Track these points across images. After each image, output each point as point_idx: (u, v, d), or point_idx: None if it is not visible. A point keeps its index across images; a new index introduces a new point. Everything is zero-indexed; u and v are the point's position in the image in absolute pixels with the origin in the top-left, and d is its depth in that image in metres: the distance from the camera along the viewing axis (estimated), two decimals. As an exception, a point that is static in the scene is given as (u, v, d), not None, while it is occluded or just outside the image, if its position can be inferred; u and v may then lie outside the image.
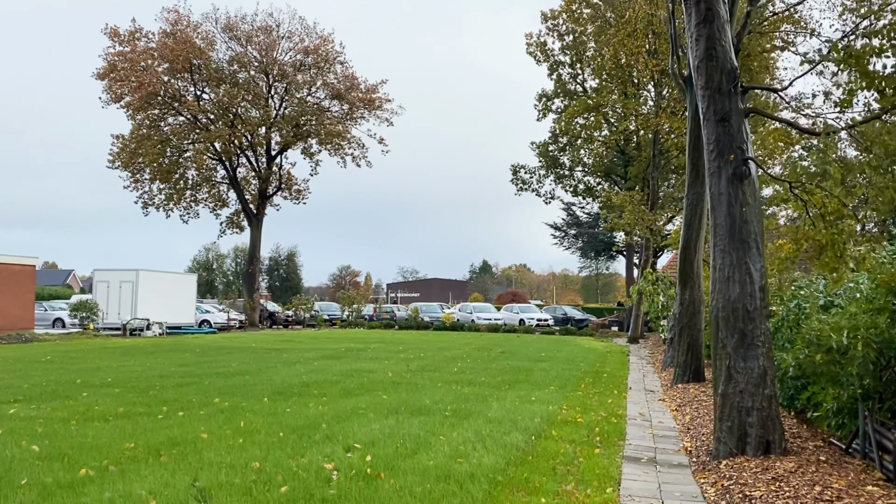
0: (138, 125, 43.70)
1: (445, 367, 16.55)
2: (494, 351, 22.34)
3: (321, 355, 19.35)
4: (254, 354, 19.63)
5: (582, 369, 17.34)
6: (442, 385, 12.94)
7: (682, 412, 11.22)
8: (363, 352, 20.89)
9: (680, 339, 14.86)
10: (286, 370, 15.11)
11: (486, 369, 16.23)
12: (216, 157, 46.25)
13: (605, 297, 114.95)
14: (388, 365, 16.61)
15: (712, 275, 8.07)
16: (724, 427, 7.65)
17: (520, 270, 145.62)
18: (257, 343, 24.95)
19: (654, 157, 34.77)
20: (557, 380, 14.71)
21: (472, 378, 14.22)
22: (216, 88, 43.74)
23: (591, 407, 11.21)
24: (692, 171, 14.92)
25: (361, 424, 8.58)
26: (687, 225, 14.92)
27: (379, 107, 48.44)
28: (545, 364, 18.17)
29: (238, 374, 14.30)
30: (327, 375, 14.07)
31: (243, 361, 17.21)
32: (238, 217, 49.12)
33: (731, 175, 7.99)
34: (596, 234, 62.32)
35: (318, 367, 15.72)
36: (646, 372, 18.38)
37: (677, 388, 14.22)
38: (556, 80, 44.88)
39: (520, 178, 47.21)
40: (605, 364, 19.86)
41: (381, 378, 13.76)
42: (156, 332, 32.07)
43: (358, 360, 18.13)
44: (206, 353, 20.36)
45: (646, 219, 32.16)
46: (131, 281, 33.55)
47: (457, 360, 18.74)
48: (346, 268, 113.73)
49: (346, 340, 27.34)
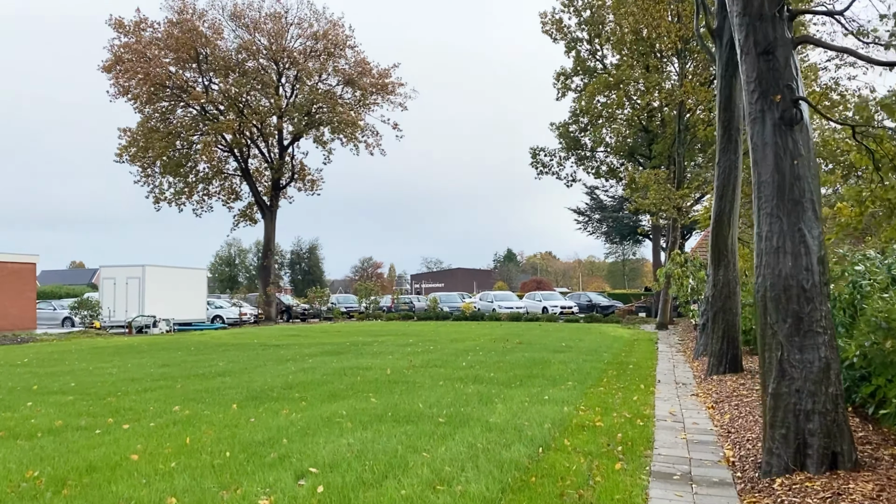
0: (146, 118, 42.68)
1: (453, 361, 15.07)
2: (511, 342, 20.82)
3: (322, 351, 17.98)
4: (249, 352, 18.32)
5: (605, 360, 15.77)
6: (443, 383, 11.47)
7: (719, 410, 9.64)
8: (369, 346, 19.48)
9: (714, 325, 13.23)
10: (274, 369, 13.73)
11: (498, 363, 14.73)
12: (226, 148, 45.14)
13: (632, 283, 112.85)
14: (390, 361, 15.18)
15: (757, 245, 6.48)
16: (776, 435, 6.07)
17: (545, 258, 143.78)
18: (261, 339, 23.66)
19: (679, 133, 32.90)
20: (577, 373, 13.17)
21: (480, 374, 12.72)
22: (224, 78, 42.50)
23: (614, 406, 9.67)
24: (724, 135, 13.23)
25: (331, 438, 7.14)
26: (719, 197, 13.25)
27: (392, 91, 47.00)
28: (565, 355, 16.61)
29: (220, 374, 12.96)
30: (317, 375, 12.66)
31: (233, 360, 15.89)
32: (251, 210, 48.05)
33: (779, 120, 6.38)
34: (620, 218, 60.45)
35: (312, 365, 14.32)
36: (676, 361, 16.75)
37: (712, 380, 12.60)
38: (574, 58, 43.06)
39: (539, 160, 45.57)
40: (632, 353, 18.26)
41: (376, 376, 12.32)
42: (163, 330, 30.98)
43: (360, 355, 16.72)
44: (201, 350, 19.10)
45: (672, 198, 30.36)
46: (138, 277, 32.49)
47: (468, 352, 17.25)
48: (367, 259, 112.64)
49: (356, 334, 25.98)
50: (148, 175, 44.23)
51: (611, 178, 47.92)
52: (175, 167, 43.37)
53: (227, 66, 42.73)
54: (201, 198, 46.62)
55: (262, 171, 47.74)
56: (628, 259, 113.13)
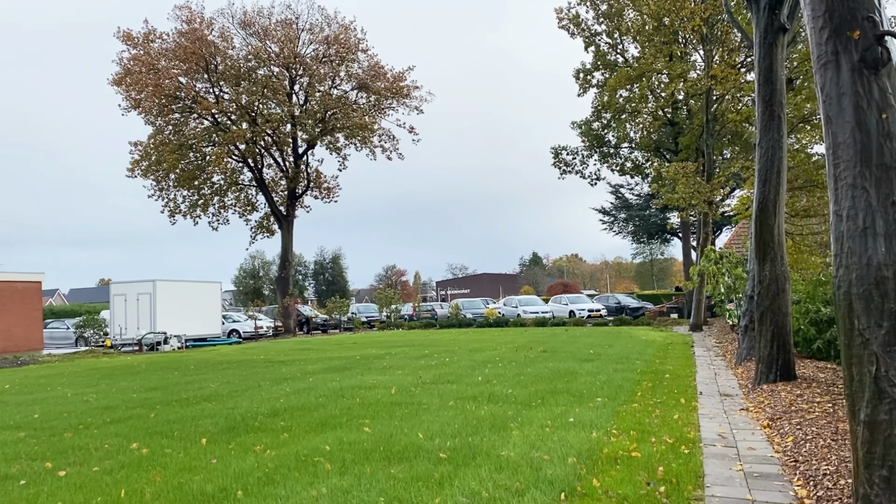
0: (157, 131, 41.83)
1: (468, 375, 13.61)
2: (534, 350, 19.31)
3: (327, 367, 16.60)
4: (250, 370, 17.00)
5: (638, 369, 14.23)
6: (454, 404, 10.03)
7: (778, 430, 8.10)
8: (380, 360, 18.08)
9: (761, 327, 11.64)
10: (267, 391, 12.36)
11: (519, 376, 13.26)
12: (240, 158, 44.17)
13: (662, 284, 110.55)
14: (399, 377, 13.76)
15: (835, 228, 4.99)
16: (874, 478, 4.57)
17: (571, 261, 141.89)
18: (270, 354, 22.36)
19: (707, 123, 31.19)
20: (607, 387, 11.66)
21: (496, 391, 11.26)
22: (235, 87, 41.50)
23: (652, 428, 8.18)
24: (765, 112, 11.67)
25: (298, 489, 5.75)
26: (762, 181, 11.68)
27: (407, 95, 45.74)
28: (593, 365, 15.09)
29: (205, 399, 11.63)
30: (312, 397, 11.28)
31: (228, 380, 14.58)
32: (268, 220, 47.06)
33: (858, 63, 4.89)
34: (647, 217, 58.57)
35: (310, 385, 12.94)
36: (717, 368, 15.15)
37: (762, 390, 11.02)
38: (594, 53, 41.50)
39: (562, 160, 44.07)
40: (667, 359, 16.68)
41: (378, 397, 10.91)
42: (174, 346, 29.89)
43: (367, 371, 15.33)
44: (201, 369, 17.84)
45: (703, 191, 28.66)
46: (149, 293, 31.47)
47: (486, 364, 15.79)
48: (391, 267, 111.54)
49: (371, 345, 24.61)
50: (162, 189, 43.40)
51: (636, 175, 46.28)
52: (188, 179, 42.45)
53: (237, 75, 41.77)
54: (217, 210, 45.70)
55: (277, 181, 46.72)
56: (656, 259, 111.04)
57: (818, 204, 18.80)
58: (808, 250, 18.05)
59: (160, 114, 41.58)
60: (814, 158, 19.27)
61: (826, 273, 16.72)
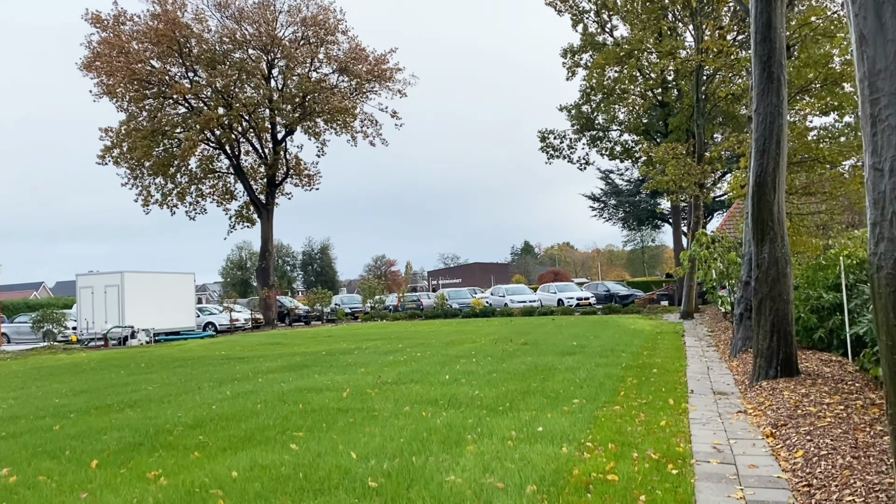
0: (130, 117, 40.20)
1: (436, 373, 12.29)
2: (515, 343, 18.03)
3: (286, 364, 15.25)
4: (201, 368, 15.63)
5: (623, 363, 12.96)
6: (409, 410, 8.72)
7: (783, 439, 6.83)
8: (347, 355, 16.74)
9: (759, 316, 10.37)
10: (204, 395, 10.98)
11: (491, 374, 11.97)
12: (216, 144, 42.62)
13: (653, 271, 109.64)
14: (359, 376, 12.41)
15: (874, 185, 3.69)
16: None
17: (563, 249, 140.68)
18: (234, 350, 20.94)
19: (697, 102, 29.88)
20: (587, 385, 10.39)
21: (462, 392, 9.96)
22: (211, 69, 39.83)
23: (634, 439, 6.92)
24: (762, 74, 10.34)
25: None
26: (759, 152, 10.36)
27: (390, 78, 44.20)
28: (574, 359, 13.81)
29: (130, 405, 10.27)
30: (250, 403, 9.93)
31: (168, 382, 13.20)
32: (247, 210, 45.53)
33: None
34: (637, 203, 57.33)
35: (255, 388, 11.56)
36: (709, 361, 13.90)
37: (761, 387, 9.77)
38: (582, 33, 40.13)
39: (549, 144, 42.68)
40: (655, 351, 15.43)
41: (325, 403, 9.57)
42: (142, 341, 28.45)
43: (327, 369, 13.98)
44: (150, 368, 16.47)
45: (693, 172, 27.40)
46: (116, 285, 30.00)
47: (459, 359, 14.49)
48: (380, 257, 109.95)
49: (345, 338, 23.28)
50: (136, 177, 41.82)
51: (626, 159, 44.94)
52: (162, 167, 40.85)
53: (212, 59, 40.11)
54: (195, 199, 44.14)
55: (256, 169, 45.19)
56: (648, 246, 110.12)
57: (818, 180, 17.56)
58: (808, 231, 16.79)
59: (134, 100, 40.01)
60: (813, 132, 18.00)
61: (827, 256, 15.47)
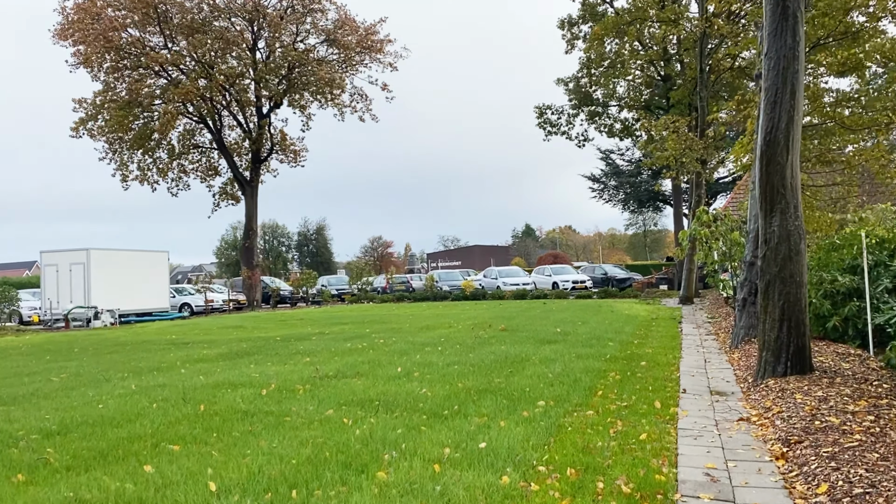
0: (106, 87, 38.32)
1: (389, 364, 10.56)
2: (494, 328, 16.33)
3: (226, 352, 13.49)
4: (131, 355, 13.89)
5: (608, 354, 11.26)
6: (331, 413, 7.01)
7: (799, 464, 5.12)
8: (303, 341, 14.98)
9: (766, 302, 8.63)
10: (104, 389, 9.19)
11: (452, 365, 10.27)
12: (197, 118, 40.78)
13: (655, 255, 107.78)
14: (298, 368, 10.65)
15: None
16: None
17: (564, 232, 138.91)
18: (188, 333, 19.16)
19: (701, 73, 27.96)
20: (559, 382, 8.69)
21: (407, 390, 8.25)
22: (189, 38, 37.86)
23: (603, 459, 5.23)
24: (776, 7, 8.53)
25: None
26: (770, 104, 8.58)
27: (380, 50, 42.21)
28: (554, 348, 12.11)
29: (7, 402, 8.54)
30: (149, 399, 8.23)
31: (79, 372, 11.36)
32: (232, 187, 43.73)
33: None
34: (638, 184, 55.51)
35: (169, 380, 9.80)
36: (708, 352, 12.19)
37: (767, 387, 8.06)
38: (581, 2, 38.27)
39: (546, 119, 40.87)
40: (647, 340, 13.74)
41: (235, 402, 7.84)
42: (106, 322, 26.78)
43: (268, 358, 12.20)
44: (82, 354, 14.78)
45: (695, 147, 25.57)
46: (82, 262, 28.31)
47: (424, 347, 12.78)
48: (377, 239, 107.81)
49: (316, 322, 21.56)
50: (115, 151, 40.02)
51: (625, 137, 43.07)
52: (140, 141, 39.05)
53: (191, 27, 38.12)
54: (177, 175, 42.38)
55: (240, 143, 43.35)
56: (650, 230, 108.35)
57: (834, 147, 15.72)
58: (820, 206, 14.96)
59: (110, 70, 38.16)
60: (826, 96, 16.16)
61: (842, 234, 13.73)
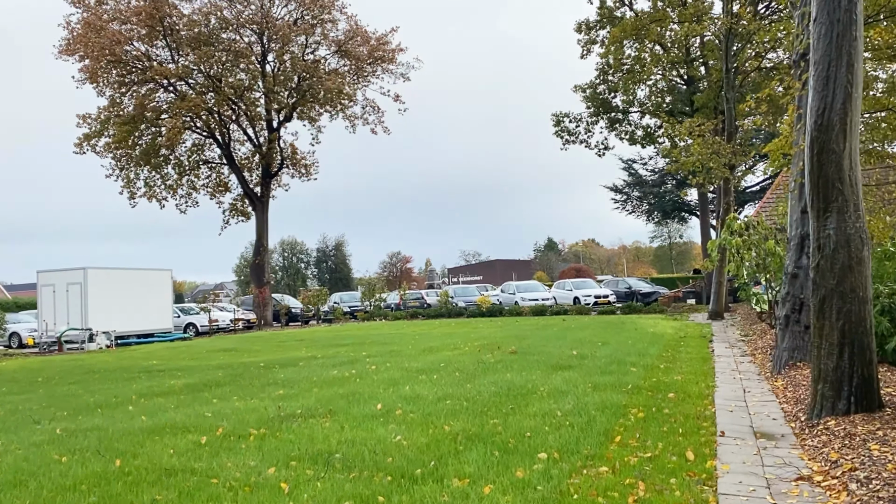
0: (112, 102, 37.43)
1: (370, 399, 8.98)
2: (504, 350, 14.73)
3: (195, 382, 11.86)
4: (91, 386, 12.38)
5: (630, 383, 9.62)
6: (273, 473, 5.50)
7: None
8: (287, 368, 13.43)
9: (821, 322, 6.99)
10: (15, 437, 7.89)
11: (444, 400, 8.70)
12: (206, 132, 39.77)
13: (681, 268, 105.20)
14: (261, 405, 9.05)
15: None
16: None
17: (588, 246, 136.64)
18: (172, 358, 17.60)
19: (727, 73, 26.23)
20: (569, 422, 7.10)
21: (379, 437, 6.70)
22: (197, 51, 36.91)
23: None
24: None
25: None
26: (822, 80, 6.98)
27: (391, 60, 40.99)
28: (566, 375, 10.49)
29: None
30: (60, 451, 6.74)
31: (16, 409, 9.98)
32: (242, 202, 42.61)
33: None
34: (662, 194, 53.57)
35: (105, 422, 8.27)
36: (746, 377, 10.49)
37: (828, 429, 6.40)
38: (599, 6, 36.77)
39: (564, 128, 39.25)
40: (675, 363, 12.07)
41: (156, 456, 6.34)
42: (101, 345, 25.54)
43: (235, 391, 10.58)
44: (47, 383, 13.40)
45: (722, 152, 23.86)
46: (79, 282, 27.17)
47: (418, 376, 11.20)
48: (395, 254, 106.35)
49: (314, 344, 20.01)
50: (122, 167, 39.08)
51: (647, 144, 41.26)
52: (146, 156, 38.07)
53: (199, 39, 37.17)
54: (187, 191, 41.34)
55: (250, 158, 42.28)
56: (676, 242, 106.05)
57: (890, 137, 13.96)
58: (873, 209, 13.16)
59: (116, 84, 37.31)
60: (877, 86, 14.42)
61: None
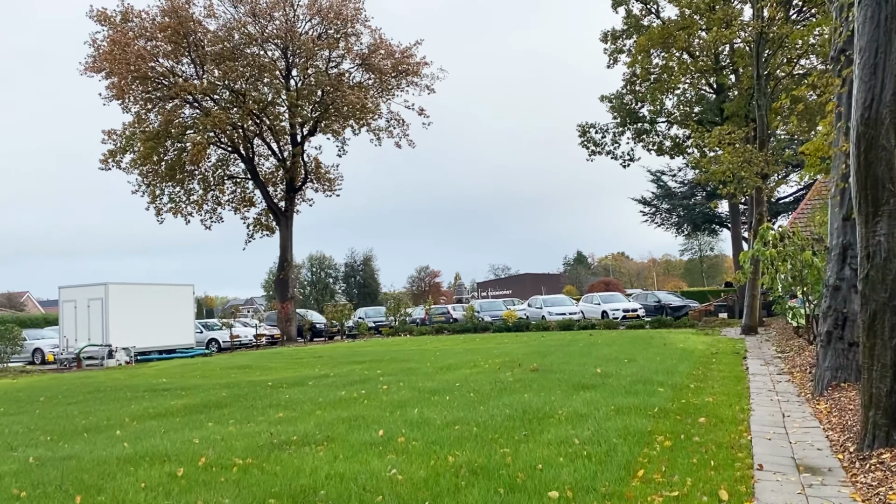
0: (137, 119, 37.51)
1: (373, 424, 8.37)
2: (525, 367, 14.03)
3: (197, 403, 11.33)
4: (89, 406, 11.90)
5: (657, 405, 8.88)
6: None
7: None
8: (295, 388, 12.85)
9: (871, 340, 6.25)
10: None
11: (453, 425, 8.05)
12: (230, 147, 39.68)
13: (712, 281, 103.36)
14: (256, 429, 8.48)
15: None
16: None
17: (617, 259, 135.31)
18: (184, 376, 17.15)
19: (758, 80, 25.37)
20: (587, 452, 6.42)
21: (374, 471, 6.09)
22: (221, 66, 36.85)
23: None
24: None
25: None
26: (869, 68, 6.28)
27: (416, 73, 40.60)
28: (588, 396, 9.78)
29: None
30: (18, 486, 6.24)
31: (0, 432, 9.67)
32: (266, 217, 42.42)
33: None
34: (692, 206, 52.50)
35: (85, 449, 7.69)
36: (784, 399, 9.69)
37: (882, 463, 5.66)
38: (625, 15, 36.05)
39: (590, 138, 38.44)
40: (706, 382, 11.28)
41: (123, 493, 5.80)
42: (120, 361, 25.26)
43: (235, 413, 10.06)
44: (49, 402, 13.04)
45: (755, 161, 22.97)
46: (100, 298, 26.98)
47: (431, 397, 10.56)
48: (424, 268, 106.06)
49: (330, 361, 19.44)
50: (149, 184, 39.11)
51: (676, 155, 40.27)
52: (171, 172, 38.05)
53: (223, 55, 37.13)
54: (212, 207, 41.26)
55: (275, 173, 42.12)
56: (706, 255, 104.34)
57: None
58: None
59: (141, 101, 37.41)
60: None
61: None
